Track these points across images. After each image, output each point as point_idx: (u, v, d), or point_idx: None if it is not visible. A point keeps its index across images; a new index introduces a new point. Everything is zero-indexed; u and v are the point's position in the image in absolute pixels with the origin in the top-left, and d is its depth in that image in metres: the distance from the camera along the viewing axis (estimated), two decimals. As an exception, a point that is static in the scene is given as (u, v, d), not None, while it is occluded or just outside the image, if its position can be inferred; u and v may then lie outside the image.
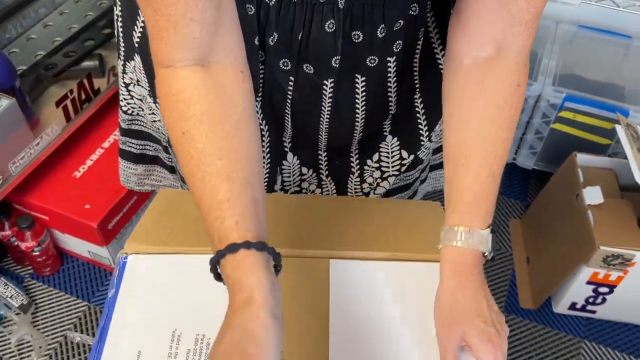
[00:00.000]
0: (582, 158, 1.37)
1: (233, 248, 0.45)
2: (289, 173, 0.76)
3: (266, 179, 0.75)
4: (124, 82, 0.77)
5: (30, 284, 1.41)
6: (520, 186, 1.68)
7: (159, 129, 0.78)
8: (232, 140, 0.49)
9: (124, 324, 0.54)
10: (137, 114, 0.80)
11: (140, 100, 0.77)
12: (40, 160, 1.28)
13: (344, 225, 0.64)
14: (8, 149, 1.19)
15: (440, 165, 0.88)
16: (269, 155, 0.73)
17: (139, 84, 0.74)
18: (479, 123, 0.57)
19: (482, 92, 0.57)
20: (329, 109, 0.68)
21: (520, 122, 1.50)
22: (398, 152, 0.76)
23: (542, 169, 1.59)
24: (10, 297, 1.32)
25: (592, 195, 1.29)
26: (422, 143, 0.76)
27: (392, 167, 0.78)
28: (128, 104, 0.79)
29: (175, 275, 0.57)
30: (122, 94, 0.79)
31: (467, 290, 0.54)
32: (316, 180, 0.80)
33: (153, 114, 0.77)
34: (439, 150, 0.85)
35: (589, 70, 1.56)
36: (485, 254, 0.56)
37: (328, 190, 0.80)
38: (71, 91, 1.32)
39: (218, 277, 0.48)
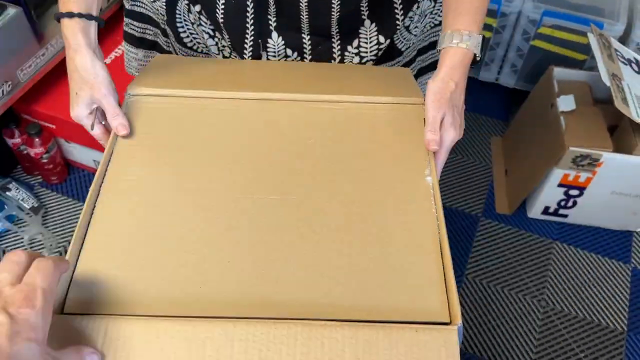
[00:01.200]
0: (558, 71, 1.45)
1: (70, 15, 0.67)
2: (274, 53, 0.84)
3: (250, 54, 0.83)
4: None
5: (40, 191, 1.51)
6: (502, 106, 1.76)
7: (157, 10, 0.86)
8: None
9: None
10: None
11: None
12: (46, 70, 1.36)
13: (318, 77, 0.72)
14: (16, 56, 1.27)
15: (430, 67, 0.95)
16: (252, 29, 0.80)
17: None
18: None
19: None
20: None
21: (502, 40, 1.57)
22: (375, 36, 0.84)
23: (523, 89, 1.66)
24: (22, 200, 1.42)
25: (565, 102, 1.37)
26: (398, 27, 0.84)
27: (370, 52, 0.85)
28: None
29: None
30: None
31: (457, 85, 0.67)
32: None
33: None
34: (426, 49, 0.92)
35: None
36: (477, 56, 0.69)
37: None
38: (73, 5, 1.39)
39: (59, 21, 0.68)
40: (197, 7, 0.80)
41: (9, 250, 1.38)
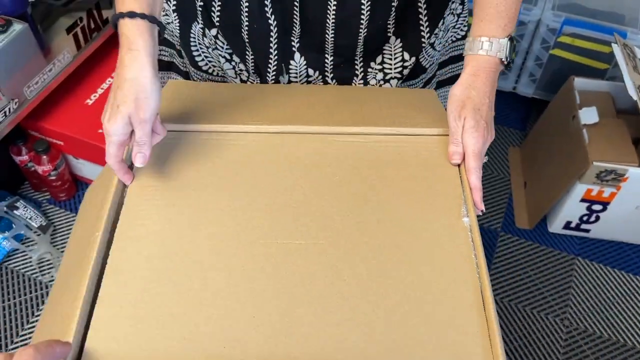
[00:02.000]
0: (579, 82, 1.40)
1: (132, 14, 0.59)
2: (296, 73, 0.80)
3: (273, 76, 0.79)
4: None
5: (48, 208, 1.47)
6: (520, 115, 1.72)
7: (172, 31, 0.82)
8: None
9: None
10: None
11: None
12: (53, 86, 1.32)
13: (340, 106, 0.68)
14: (23, 73, 1.24)
15: (448, 81, 0.91)
16: (276, 52, 0.77)
17: None
18: None
19: None
20: (335, 1, 0.71)
21: (520, 49, 1.53)
22: (400, 53, 0.80)
23: (541, 98, 1.62)
24: (30, 219, 1.39)
25: (588, 115, 1.32)
26: (424, 45, 0.80)
27: (395, 69, 0.81)
28: None
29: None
30: None
31: (478, 90, 0.65)
32: (321, 82, 0.84)
33: (166, 15, 0.81)
34: (446, 64, 0.89)
35: (590, -2, 1.57)
36: (503, 60, 0.66)
37: None
38: (80, 19, 1.35)
39: (115, 27, 0.61)
40: (213, 32, 0.77)
41: (17, 271, 1.35)
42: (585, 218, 1.39)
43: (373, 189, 0.60)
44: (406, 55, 0.80)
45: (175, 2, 0.77)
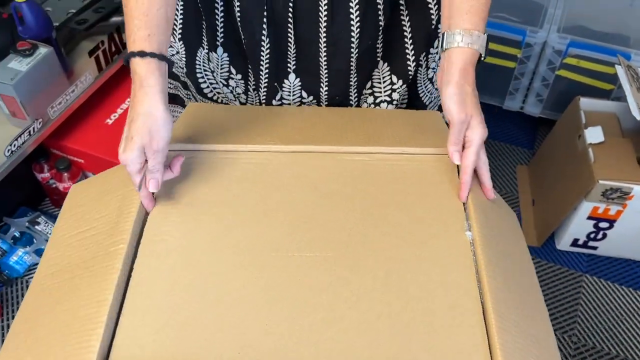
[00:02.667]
0: (585, 102, 1.43)
1: (142, 54, 0.63)
2: (289, 92, 0.83)
3: (264, 94, 0.82)
4: None
5: (67, 224, 1.52)
6: (528, 134, 1.75)
7: (177, 62, 0.87)
8: None
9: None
10: None
11: None
12: (75, 106, 1.38)
13: (346, 126, 0.72)
14: (47, 94, 1.29)
15: None
16: (267, 70, 0.80)
17: None
18: None
19: None
20: (325, 16, 0.74)
21: (527, 70, 1.56)
22: (389, 76, 0.83)
23: (548, 117, 1.65)
24: (50, 234, 1.44)
25: (593, 134, 1.35)
26: (409, 68, 0.82)
27: (384, 92, 0.85)
28: None
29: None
30: None
31: (470, 87, 0.66)
32: (315, 105, 0.88)
33: (170, 46, 0.85)
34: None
35: (595, 20, 1.60)
36: (482, 56, 0.67)
37: None
38: (102, 42, 1.41)
39: (127, 64, 0.66)
40: (216, 54, 0.81)
41: (37, 284, 1.39)
42: (592, 235, 1.41)
43: (378, 205, 0.63)
44: (394, 78, 0.83)
45: (180, 30, 0.81)
